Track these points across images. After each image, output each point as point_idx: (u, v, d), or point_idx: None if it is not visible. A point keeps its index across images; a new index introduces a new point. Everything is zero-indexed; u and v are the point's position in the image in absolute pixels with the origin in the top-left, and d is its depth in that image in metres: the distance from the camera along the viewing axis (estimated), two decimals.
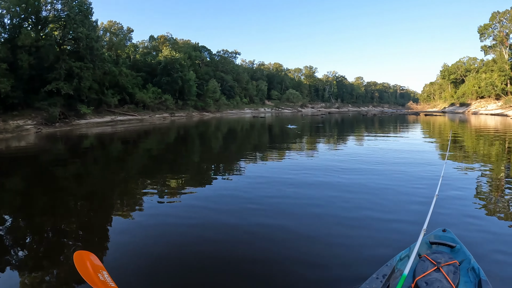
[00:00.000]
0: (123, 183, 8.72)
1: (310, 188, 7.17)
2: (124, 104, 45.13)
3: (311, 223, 5.10)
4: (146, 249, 4.30)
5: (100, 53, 38.36)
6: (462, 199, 6.16)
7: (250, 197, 6.60)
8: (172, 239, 4.61)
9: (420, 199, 6.11)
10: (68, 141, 20.34)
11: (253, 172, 9.26)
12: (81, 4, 35.89)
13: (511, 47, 67.50)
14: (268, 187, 7.36)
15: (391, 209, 5.65)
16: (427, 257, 3.06)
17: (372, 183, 7.49)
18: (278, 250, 4.16)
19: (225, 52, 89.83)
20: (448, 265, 2.92)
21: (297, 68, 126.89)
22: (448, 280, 2.72)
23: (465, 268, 3.04)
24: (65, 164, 11.97)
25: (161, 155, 14.20)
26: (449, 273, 2.81)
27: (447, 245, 3.39)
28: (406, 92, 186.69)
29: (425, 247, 3.45)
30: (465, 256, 3.20)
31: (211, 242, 4.46)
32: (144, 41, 66.75)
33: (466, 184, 7.36)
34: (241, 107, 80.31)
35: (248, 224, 5.12)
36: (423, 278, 2.78)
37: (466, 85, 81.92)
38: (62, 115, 31.59)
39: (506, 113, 53.53)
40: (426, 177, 7.88)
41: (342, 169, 9.04)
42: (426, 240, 3.51)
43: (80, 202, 6.89)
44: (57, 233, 5.06)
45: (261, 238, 4.59)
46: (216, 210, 5.87)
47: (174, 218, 5.48)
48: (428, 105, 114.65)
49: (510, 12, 64.73)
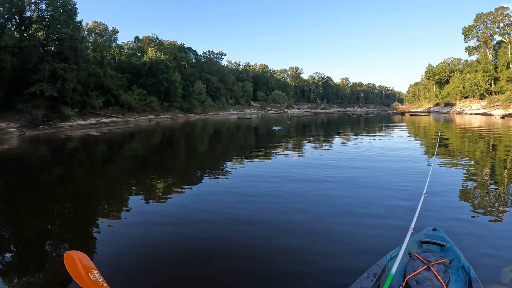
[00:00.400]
0: (108, 185, 8.76)
1: (295, 187, 7.35)
2: (109, 106, 44.90)
3: (296, 221, 5.25)
4: (134, 248, 4.36)
5: (84, 54, 38.21)
6: (449, 197, 6.37)
7: (236, 196, 6.74)
8: (159, 239, 4.67)
9: (407, 197, 6.31)
10: (52, 144, 20.27)
11: (239, 172, 9.46)
12: (65, 4, 35.67)
13: (495, 48, 69.78)
14: (254, 186, 7.51)
15: (377, 208, 5.77)
16: (418, 256, 3.09)
17: (358, 181, 7.74)
18: (264, 247, 4.28)
19: (210, 53, 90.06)
20: (438, 263, 2.96)
21: (283, 69, 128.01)
22: (438, 279, 2.75)
23: (456, 266, 3.07)
24: (49, 167, 11.94)
25: (147, 157, 14.28)
26: (439, 272, 2.84)
27: (437, 244, 3.43)
28: (391, 92, 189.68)
29: (415, 246, 3.49)
30: (455, 254, 3.24)
31: (199, 240, 4.58)
32: (130, 42, 66.52)
33: (453, 182, 7.67)
34: (227, 108, 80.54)
35: (235, 222, 5.25)
36: (413, 276, 2.80)
37: (451, 85, 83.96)
38: (46, 118, 31.35)
39: (491, 112, 55.20)
40: (413, 176, 8.18)
41: (328, 168, 9.25)
42: (416, 239, 3.56)
43: (65, 204, 6.88)
44: (42, 236, 5.07)
45: (248, 235, 4.71)
46: (202, 209, 5.96)
47: (160, 218, 5.56)
48: (413, 105, 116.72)
49: (494, 13, 66.85)
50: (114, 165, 12.35)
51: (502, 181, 7.86)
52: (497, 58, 68.44)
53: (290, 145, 16.53)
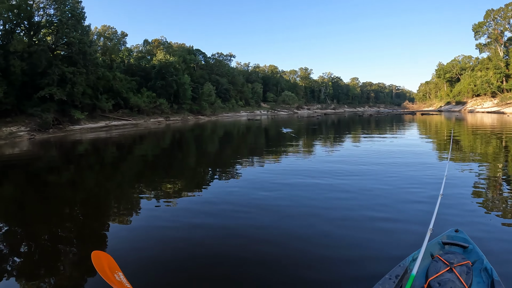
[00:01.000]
0: (118, 188, 8.64)
1: (307, 190, 7.07)
2: (118, 108, 44.96)
3: (308, 225, 5.05)
4: (145, 253, 4.29)
5: (93, 58, 38.25)
6: (465, 198, 6.09)
7: (246, 199, 6.55)
8: (170, 243, 4.58)
9: (422, 199, 6.03)
10: (62, 147, 20.13)
11: (249, 175, 9.15)
12: (74, 8, 35.76)
13: (505, 44, 68.00)
14: (264, 189, 7.27)
15: (392, 211, 5.54)
16: (440, 258, 3.05)
17: (372, 184, 7.38)
18: (275, 252, 4.15)
19: (220, 55, 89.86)
20: (461, 265, 2.91)
21: (293, 70, 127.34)
22: (461, 281, 2.71)
23: (478, 268, 3.03)
24: (59, 170, 11.82)
25: (157, 159, 14.06)
26: (462, 274, 2.80)
27: (459, 246, 3.37)
28: (402, 91, 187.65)
29: (437, 247, 3.44)
30: (478, 256, 3.18)
31: (209, 245, 4.45)
32: (139, 45, 66.54)
33: (469, 182, 7.31)
34: (237, 110, 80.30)
35: (245, 227, 5.09)
36: (436, 278, 2.78)
37: (462, 84, 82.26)
38: (56, 121, 31.35)
39: (503, 110, 53.88)
40: (427, 178, 7.78)
41: (340, 171, 8.91)
42: (439, 240, 3.52)
43: (75, 208, 6.83)
44: (53, 239, 5.00)
45: (258, 240, 4.55)
46: (213, 213, 5.82)
47: (171, 222, 5.45)
48: (424, 104, 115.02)
49: (504, 9, 65.23)
50: (124, 168, 12.14)
51: None
52: (508, 55, 66.80)
53: (300, 147, 15.98)
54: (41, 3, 34.42)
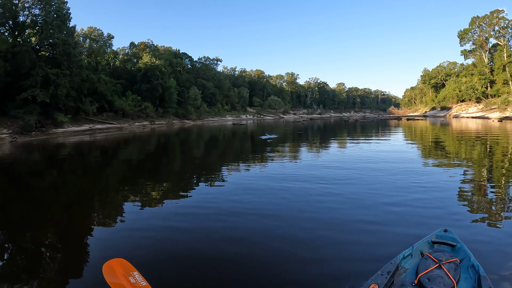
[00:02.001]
0: (103, 192, 8.65)
1: (289, 194, 7.17)
2: (103, 112, 44.60)
3: (294, 226, 5.19)
4: (129, 256, 4.13)
5: (77, 60, 37.88)
6: (451, 200, 6.40)
7: (231, 204, 6.60)
8: (154, 246, 4.60)
9: (404, 203, 6.26)
10: (45, 150, 19.95)
11: (233, 179, 9.25)
12: (59, 9, 35.43)
13: (490, 51, 70.11)
14: (248, 193, 7.34)
15: (379, 212, 5.71)
16: (429, 255, 3.26)
17: (356, 188, 7.52)
18: (257, 254, 4.26)
19: (206, 59, 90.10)
20: (449, 262, 3.12)
21: (279, 75, 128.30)
22: (449, 276, 2.91)
23: (466, 265, 3.21)
24: (42, 174, 11.75)
25: (142, 164, 14.09)
26: (450, 270, 3.01)
27: (448, 244, 3.60)
28: (388, 97, 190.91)
29: (427, 246, 3.67)
30: (465, 254, 3.38)
31: (195, 249, 4.51)
32: (125, 48, 66.11)
33: (454, 185, 7.60)
34: (223, 114, 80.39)
35: (231, 230, 5.16)
36: (425, 274, 2.97)
37: (447, 89, 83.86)
38: (39, 124, 30.99)
39: (487, 115, 55.36)
40: (411, 182, 7.92)
41: (323, 176, 8.84)
42: (428, 239, 3.75)
43: (58, 212, 6.78)
44: (35, 244, 5.00)
45: (243, 243, 4.64)
46: (197, 217, 5.88)
47: (157, 226, 5.47)
48: (409, 110, 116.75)
49: (489, 16, 67.32)
50: (109, 172, 12.12)
51: (502, 184, 7.73)
52: (493, 61, 68.77)
53: (284, 153, 15.88)
54: (26, 2, 34.03)
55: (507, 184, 7.87)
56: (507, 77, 61.98)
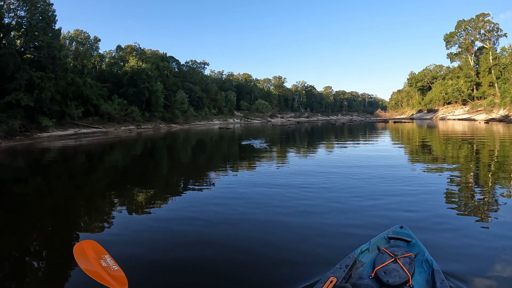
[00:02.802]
0: (88, 198, 8.54)
1: (277, 198, 7.25)
2: (88, 116, 44.14)
3: (276, 231, 5.30)
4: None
5: (62, 63, 37.39)
6: (437, 201, 6.61)
7: (217, 208, 6.66)
8: (142, 253, 4.60)
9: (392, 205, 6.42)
10: (29, 155, 19.84)
11: (221, 183, 9.32)
12: (44, 11, 35.09)
13: (476, 53, 71.79)
14: (236, 198, 7.44)
15: (358, 216, 5.79)
16: (386, 250, 3.42)
17: (340, 193, 7.58)
18: (248, 260, 4.32)
19: (193, 62, 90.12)
20: (404, 257, 3.27)
21: (266, 79, 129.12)
22: (404, 270, 3.05)
23: (420, 260, 3.38)
24: (26, 179, 11.66)
25: (128, 168, 14.04)
26: (405, 264, 3.15)
27: (403, 240, 3.76)
28: (375, 100, 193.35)
29: (384, 241, 3.83)
30: (420, 249, 3.55)
31: (184, 255, 4.54)
32: (112, 51, 65.63)
33: (440, 186, 7.89)
34: (210, 118, 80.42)
35: (218, 233, 5.25)
36: (382, 268, 3.11)
37: (433, 92, 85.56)
38: (23, 128, 30.57)
39: (474, 117, 56.79)
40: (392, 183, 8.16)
41: (307, 182, 8.74)
42: (385, 235, 3.91)
43: (43, 218, 6.72)
44: (20, 251, 4.96)
45: (230, 248, 4.69)
46: (185, 222, 5.91)
47: (143, 232, 5.47)
48: (396, 112, 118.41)
49: (475, 20, 69.06)
50: (94, 177, 12.07)
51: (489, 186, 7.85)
52: (478, 64, 70.46)
53: (269, 158, 15.80)
54: (12, 4, 33.65)
55: (493, 185, 8.12)
56: (492, 80, 63.58)
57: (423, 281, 3.07)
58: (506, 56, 62.68)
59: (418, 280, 3.07)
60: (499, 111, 53.72)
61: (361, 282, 3.03)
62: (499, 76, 62.75)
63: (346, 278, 3.08)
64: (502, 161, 11.92)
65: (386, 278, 2.96)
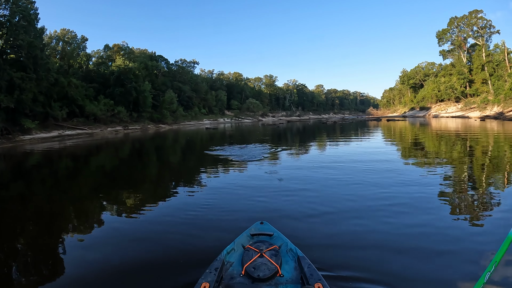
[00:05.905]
0: (74, 202, 8.27)
1: (263, 201, 6.93)
2: (73, 117, 43.06)
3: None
4: (103, 268, 4.17)
5: (45, 62, 36.32)
6: (430, 198, 6.43)
7: (207, 210, 6.45)
8: (130, 257, 4.47)
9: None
10: (12, 159, 19.03)
11: (212, 183, 9.05)
12: (25, 9, 33.96)
13: (468, 50, 71.97)
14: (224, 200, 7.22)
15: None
16: (251, 247, 3.49)
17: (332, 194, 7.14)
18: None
19: (183, 61, 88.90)
20: (269, 250, 3.40)
21: (257, 77, 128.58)
22: (271, 262, 3.17)
23: (284, 250, 3.54)
24: (7, 184, 11.14)
25: (115, 171, 13.66)
26: (271, 256, 3.27)
27: (266, 235, 3.88)
28: (366, 98, 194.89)
29: (247, 239, 3.88)
30: (282, 241, 3.71)
31: (172, 257, 4.36)
32: (100, 51, 63.97)
33: (434, 183, 7.76)
34: (200, 118, 79.64)
35: (208, 236, 5.07)
36: (250, 264, 3.18)
37: (426, 89, 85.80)
38: (5, 131, 29.53)
39: (467, 115, 57.11)
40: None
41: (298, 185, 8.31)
42: (247, 233, 3.99)
43: (27, 224, 6.50)
44: (2, 258, 4.80)
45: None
46: (176, 224, 5.73)
47: (130, 235, 5.33)
48: (388, 111, 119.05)
49: (467, 17, 69.29)
50: (80, 181, 11.58)
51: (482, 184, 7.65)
52: (471, 61, 70.61)
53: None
54: None
55: (487, 183, 7.97)
56: (485, 77, 63.91)
57: (291, 269, 3.22)
58: (499, 53, 63.31)
59: (286, 269, 3.21)
60: (493, 108, 53.94)
61: (234, 281, 3.05)
62: (492, 73, 63.19)
63: (218, 281, 3.06)
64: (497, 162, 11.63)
65: (257, 273, 3.03)
